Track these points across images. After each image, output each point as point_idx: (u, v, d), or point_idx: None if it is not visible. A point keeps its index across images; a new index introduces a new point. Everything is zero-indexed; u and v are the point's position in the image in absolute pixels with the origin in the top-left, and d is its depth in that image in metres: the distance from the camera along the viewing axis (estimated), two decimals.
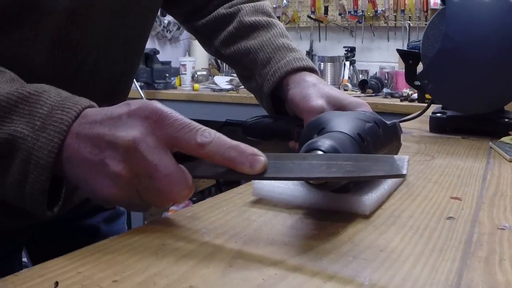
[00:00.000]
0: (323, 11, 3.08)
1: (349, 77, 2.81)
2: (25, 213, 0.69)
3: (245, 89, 0.90)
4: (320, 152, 0.46)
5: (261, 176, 0.42)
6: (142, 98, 2.61)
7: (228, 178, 0.43)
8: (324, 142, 0.47)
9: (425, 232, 0.46)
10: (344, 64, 2.79)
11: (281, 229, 0.47)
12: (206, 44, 0.91)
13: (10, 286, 0.36)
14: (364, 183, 0.55)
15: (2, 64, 0.52)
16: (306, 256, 0.41)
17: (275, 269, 0.38)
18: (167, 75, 2.80)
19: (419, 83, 1.04)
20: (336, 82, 2.77)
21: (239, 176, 0.42)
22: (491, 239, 0.45)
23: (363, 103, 0.72)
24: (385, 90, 2.47)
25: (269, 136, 0.79)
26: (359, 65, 2.92)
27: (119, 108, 0.43)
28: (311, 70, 0.77)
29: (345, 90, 2.69)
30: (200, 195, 3.16)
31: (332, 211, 0.52)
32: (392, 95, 2.38)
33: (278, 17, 3.20)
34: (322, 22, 3.11)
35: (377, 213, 0.52)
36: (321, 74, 2.76)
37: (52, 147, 0.42)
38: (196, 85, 2.79)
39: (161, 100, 2.75)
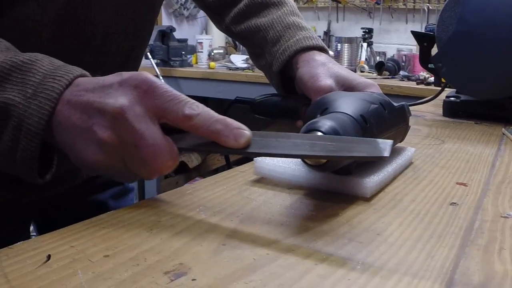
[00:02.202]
0: None
1: (366, 59, 2.76)
2: (31, 188, 0.70)
3: None
4: (319, 133, 0.45)
5: (244, 151, 0.41)
6: (157, 75, 2.61)
7: (213, 151, 0.43)
8: (325, 123, 0.45)
9: (426, 217, 0.45)
10: (362, 46, 2.75)
11: (279, 209, 0.47)
12: (217, 21, 0.89)
13: (4, 258, 0.35)
14: (367, 165, 0.54)
15: (10, 38, 0.51)
16: (301, 237, 0.40)
17: (268, 249, 0.37)
18: (183, 52, 2.78)
19: (433, 66, 1.01)
20: (353, 63, 2.72)
21: (223, 150, 0.42)
22: (493, 226, 0.43)
23: (373, 83, 0.70)
24: (401, 72, 2.43)
25: (277, 114, 0.78)
26: (376, 47, 2.87)
27: (111, 77, 0.43)
28: (321, 49, 0.75)
29: (361, 71, 2.65)
30: (214, 174, 3.17)
31: (333, 192, 0.51)
32: (409, 78, 2.34)
33: None
34: (340, 2, 3.05)
35: (378, 196, 0.51)
36: (338, 54, 2.72)
37: (42, 114, 0.42)
38: (212, 63, 2.77)
39: (176, 78, 2.75)
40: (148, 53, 2.59)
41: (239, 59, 2.83)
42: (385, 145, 0.40)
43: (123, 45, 0.67)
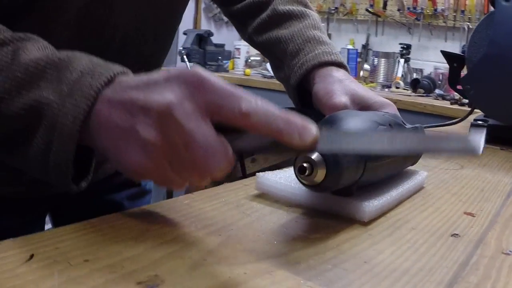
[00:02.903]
0: (382, 6, 2.98)
1: (402, 75, 2.71)
2: (43, 183, 0.71)
3: None
4: (317, 153, 0.44)
5: (311, 150, 0.37)
6: None
7: (275, 152, 0.38)
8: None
9: (421, 247, 0.43)
10: (398, 61, 2.70)
11: (272, 227, 0.46)
12: (241, 30, 0.89)
13: None
14: (369, 188, 0.52)
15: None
16: (284, 258, 0.39)
17: (246, 268, 0.37)
18: (219, 57, 2.80)
19: (462, 88, 0.98)
20: (389, 78, 2.68)
21: (286, 150, 0.37)
22: (490, 263, 0.41)
23: (389, 103, 0.68)
24: (437, 91, 2.37)
25: None
26: (413, 63, 2.81)
27: (157, 74, 0.39)
28: (340, 65, 0.74)
29: (396, 87, 2.60)
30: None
31: (332, 214, 0.50)
32: (443, 97, 2.28)
33: (336, 8, 3.13)
34: (380, 16, 3.01)
35: (378, 221, 0.49)
36: (374, 69, 2.68)
37: (78, 113, 0.38)
38: (248, 70, 2.78)
39: None
40: (185, 56, 2.62)
41: None
42: (472, 142, 0.36)
43: (143, 49, 0.68)
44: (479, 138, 0.34)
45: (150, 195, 0.95)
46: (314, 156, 0.43)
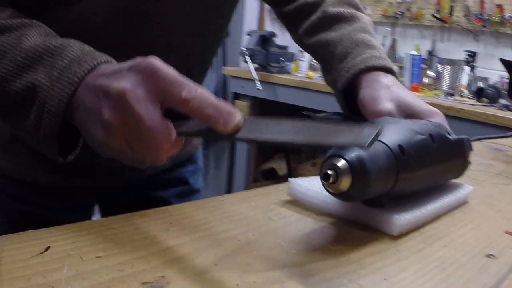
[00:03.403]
0: (448, 11, 2.85)
1: (467, 83, 2.58)
2: (88, 175, 0.72)
3: None
4: (343, 161, 0.41)
5: (232, 136, 0.39)
6: (254, 79, 2.62)
7: (206, 136, 0.41)
8: (351, 151, 0.42)
9: (450, 267, 0.40)
10: (463, 69, 2.56)
11: (295, 234, 0.44)
12: (292, 32, 0.87)
13: (8, 243, 0.36)
14: (404, 200, 0.49)
15: (73, 32, 0.53)
16: (299, 269, 0.37)
17: (258, 276, 0.35)
18: (282, 59, 2.78)
19: None
20: (453, 86, 2.55)
21: (215, 135, 0.40)
22: None
23: (436, 112, 0.64)
24: (502, 101, 2.23)
25: None
26: (478, 72, 2.66)
27: (125, 63, 0.43)
28: (389, 70, 0.70)
29: (460, 96, 2.48)
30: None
31: (362, 225, 0.47)
32: (508, 108, 2.14)
33: (402, 13, 3.02)
34: (445, 22, 2.88)
35: (410, 235, 0.46)
36: (439, 76, 2.57)
37: (62, 97, 0.43)
38: (310, 73, 2.74)
39: (273, 84, 2.75)
40: (247, 57, 2.62)
41: None
42: (368, 132, 0.34)
43: (189, 47, 0.67)
44: (373, 131, 0.32)
45: (198, 194, 0.94)
46: (340, 163, 0.41)
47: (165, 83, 0.40)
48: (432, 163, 0.50)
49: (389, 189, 0.45)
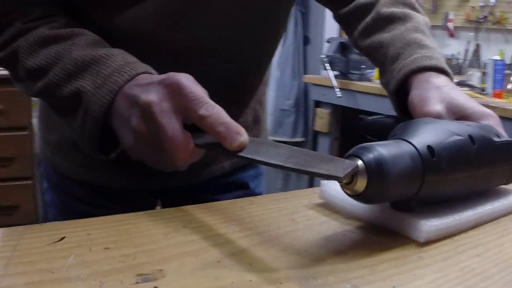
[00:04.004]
0: None
1: None
2: (152, 178, 0.74)
3: None
4: (360, 162, 0.39)
5: (235, 154, 0.41)
6: (334, 86, 2.58)
7: (217, 151, 0.44)
8: (370, 152, 0.39)
9: (473, 278, 0.36)
10: None
11: (314, 237, 0.42)
12: (348, 35, 0.84)
13: (28, 231, 0.39)
14: (439, 205, 0.45)
15: (121, 40, 0.55)
16: (303, 271, 0.35)
17: (255, 276, 0.34)
18: (363, 66, 2.71)
19: None
20: None
21: (222, 150, 0.42)
22: None
23: (490, 114, 0.58)
24: None
25: (386, 137, 0.70)
26: None
27: (158, 76, 0.46)
28: (442, 71, 0.65)
29: None
30: None
31: (390, 230, 0.44)
32: None
33: (485, 17, 2.81)
34: None
35: (439, 243, 0.42)
36: None
37: (103, 103, 0.47)
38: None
39: (353, 91, 2.68)
40: (327, 64, 2.59)
41: None
42: (347, 165, 0.37)
43: (237, 53, 0.67)
44: (352, 164, 0.36)
45: (261, 178, 0.93)
46: (343, 159, 0.38)
47: (187, 99, 0.43)
48: (471, 167, 0.45)
49: (415, 193, 0.41)
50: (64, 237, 0.37)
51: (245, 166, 0.88)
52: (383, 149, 0.39)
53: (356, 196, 0.39)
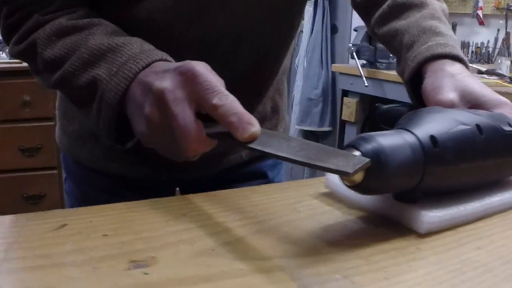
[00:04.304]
0: None
1: None
2: (169, 168, 0.74)
3: None
4: (358, 153, 0.38)
5: (246, 145, 0.40)
6: (361, 75, 2.54)
7: (228, 141, 0.41)
8: (368, 142, 0.38)
9: (472, 272, 0.34)
10: None
11: (314, 226, 0.41)
12: (366, 23, 0.82)
13: (32, 218, 0.40)
14: (444, 196, 0.43)
15: (140, 30, 0.55)
16: (295, 261, 0.35)
17: (246, 264, 0.34)
18: (390, 55, 2.65)
19: None
20: None
21: (233, 141, 0.40)
22: None
23: (505, 103, 0.56)
24: None
25: None
26: None
27: (174, 64, 0.45)
28: (456, 58, 0.63)
29: None
30: None
31: (392, 221, 0.43)
32: None
33: None
34: None
35: (442, 234, 0.41)
36: None
37: (118, 90, 0.46)
38: None
39: (381, 80, 2.63)
40: (354, 53, 2.54)
41: None
42: (357, 161, 0.36)
43: (259, 41, 0.66)
44: (364, 160, 0.35)
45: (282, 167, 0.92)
46: (353, 154, 0.38)
47: (201, 87, 0.42)
48: (478, 157, 0.44)
49: (417, 184, 0.40)
50: (66, 224, 0.38)
51: (263, 155, 0.88)
52: (382, 140, 0.38)
53: (354, 187, 0.39)
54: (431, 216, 0.40)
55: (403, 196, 0.42)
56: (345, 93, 2.80)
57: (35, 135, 2.01)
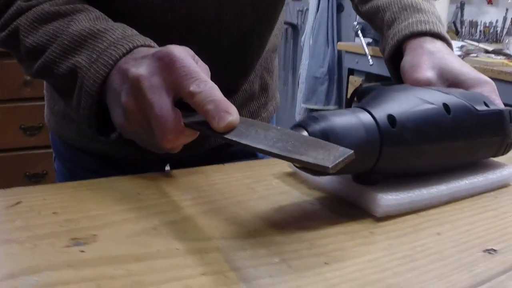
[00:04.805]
0: None
1: None
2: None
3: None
4: (305, 133, 0.35)
5: (222, 135, 0.36)
6: (366, 53, 2.47)
7: (203, 131, 0.38)
8: (317, 122, 0.35)
9: (423, 259, 0.32)
10: None
11: (266, 207, 0.39)
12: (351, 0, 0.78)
13: None
14: (411, 179, 0.41)
15: (121, 15, 0.52)
16: (235, 242, 0.33)
17: (185, 244, 0.32)
18: None
19: None
20: None
21: (210, 131, 0.37)
22: None
23: (486, 81, 0.52)
24: None
25: None
26: None
27: (153, 49, 0.42)
28: (437, 36, 0.59)
29: None
30: None
31: (351, 203, 0.40)
32: None
33: None
34: None
35: (401, 218, 0.38)
36: None
37: (97, 78, 0.43)
38: None
39: None
40: (359, 31, 2.48)
41: (454, 46, 2.50)
42: (339, 154, 0.31)
43: (240, 21, 0.63)
44: (346, 152, 0.31)
45: None
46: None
47: (178, 74, 0.39)
48: (443, 138, 0.41)
49: (373, 165, 0.37)
50: (21, 202, 0.37)
51: None
52: (333, 120, 0.35)
53: (303, 168, 0.36)
54: (388, 199, 0.38)
55: (362, 178, 0.40)
56: (351, 71, 2.74)
57: (36, 114, 1.99)
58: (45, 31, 0.47)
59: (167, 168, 0.84)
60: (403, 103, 0.39)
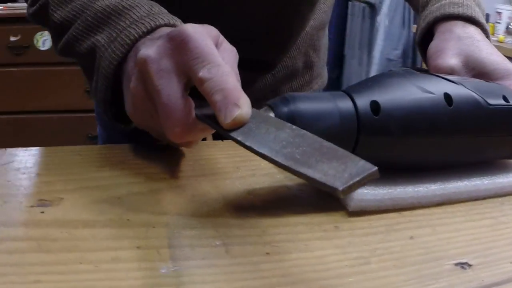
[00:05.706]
0: None
1: None
2: None
3: None
4: (272, 114, 0.32)
5: (227, 132, 0.30)
6: None
7: (212, 125, 0.32)
8: (287, 104, 0.32)
9: (373, 264, 0.28)
10: None
11: (241, 188, 0.37)
12: None
13: None
14: (403, 175, 0.36)
15: None
16: (187, 220, 0.32)
17: (137, 216, 0.32)
18: None
19: None
20: None
21: (216, 126, 0.31)
22: None
23: None
24: None
25: None
26: None
27: (170, 29, 0.36)
28: (471, 20, 0.52)
29: None
30: None
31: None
32: None
33: None
34: None
35: (379, 215, 0.34)
36: None
37: (113, 59, 0.37)
38: (501, 37, 2.27)
39: None
40: None
41: None
42: (358, 171, 0.24)
43: (263, 12, 0.59)
44: (369, 168, 0.22)
45: None
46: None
47: (191, 56, 0.32)
48: (439, 132, 0.35)
49: None
50: (13, 162, 0.38)
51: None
52: (304, 103, 0.32)
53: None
54: (363, 192, 0.34)
55: None
56: None
57: None
58: (72, 6, 0.43)
59: None
60: (395, 90, 0.35)
